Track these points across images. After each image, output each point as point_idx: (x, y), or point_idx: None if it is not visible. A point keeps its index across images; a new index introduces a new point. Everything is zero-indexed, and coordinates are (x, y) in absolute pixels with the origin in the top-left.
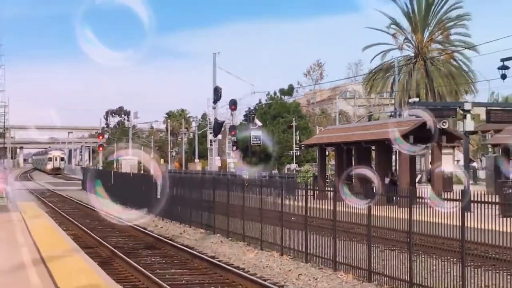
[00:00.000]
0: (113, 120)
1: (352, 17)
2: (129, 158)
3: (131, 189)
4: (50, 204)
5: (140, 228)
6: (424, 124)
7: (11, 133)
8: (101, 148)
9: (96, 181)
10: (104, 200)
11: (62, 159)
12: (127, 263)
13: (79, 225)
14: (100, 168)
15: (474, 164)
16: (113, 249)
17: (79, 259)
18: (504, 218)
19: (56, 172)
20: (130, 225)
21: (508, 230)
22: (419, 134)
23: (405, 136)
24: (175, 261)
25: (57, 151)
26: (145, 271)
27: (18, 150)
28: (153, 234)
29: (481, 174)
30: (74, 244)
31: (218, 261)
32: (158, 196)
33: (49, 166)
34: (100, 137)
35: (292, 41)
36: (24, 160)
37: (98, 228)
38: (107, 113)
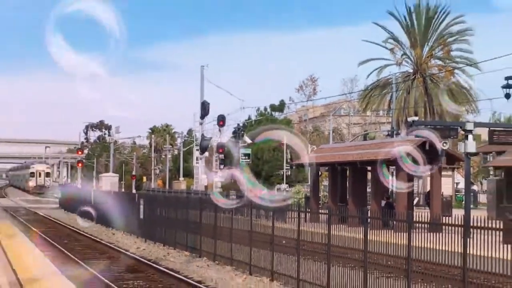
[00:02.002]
0: (93, 135)
1: (348, 31)
2: (110, 175)
3: (112, 208)
4: (26, 223)
5: (122, 250)
6: (423, 143)
7: None
8: (80, 164)
9: (74, 199)
10: (83, 220)
11: (47, 174)
12: None
13: (57, 245)
14: (79, 185)
15: (474, 187)
16: (94, 272)
17: (58, 282)
18: (507, 245)
19: (39, 190)
20: (111, 246)
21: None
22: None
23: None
24: (159, 285)
25: (42, 165)
26: None
27: None
28: (136, 256)
29: (482, 197)
30: (53, 266)
31: (205, 286)
32: (141, 216)
33: (31, 183)
34: (80, 153)
35: (285, 54)
36: None
37: (77, 249)
38: (86, 127)
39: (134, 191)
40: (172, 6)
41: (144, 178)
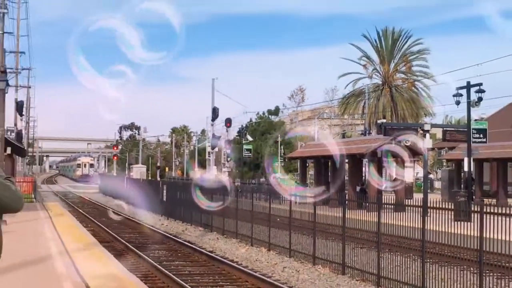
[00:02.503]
0: (126, 134)
1: (330, 50)
2: (139, 166)
3: (141, 192)
4: (72, 204)
5: (149, 226)
6: (390, 141)
7: (39, 143)
8: (115, 158)
9: (111, 185)
10: (118, 201)
11: (91, 165)
12: (138, 256)
13: (97, 222)
14: (115, 174)
15: (431, 175)
16: (126, 243)
17: (97, 251)
18: (457, 222)
19: (84, 179)
20: (140, 223)
21: (460, 232)
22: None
23: (374, 152)
24: (179, 254)
25: (87, 158)
26: (153, 262)
27: (44, 158)
28: (160, 231)
29: (437, 184)
30: (93, 238)
31: (216, 255)
32: (164, 199)
33: (78, 172)
34: (115, 148)
35: (279, 69)
36: (50, 166)
37: (113, 225)
38: (120, 127)
39: (158, 179)
40: (191, 31)
41: (167, 169)
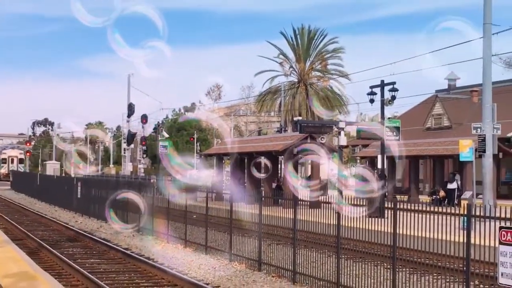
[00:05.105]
0: (39, 130)
1: (247, 47)
2: (53, 163)
3: (55, 189)
4: None
5: (63, 223)
6: (306, 138)
7: None
8: (28, 154)
9: (24, 182)
10: (31, 199)
11: (20, 161)
12: (52, 254)
13: (9, 219)
14: (27, 171)
15: (345, 172)
16: (40, 241)
17: (10, 249)
18: (371, 219)
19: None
20: (54, 220)
21: (374, 229)
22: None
23: (291, 149)
24: (94, 252)
25: (15, 151)
26: (68, 260)
27: None
28: (74, 228)
29: (351, 181)
30: (5, 236)
31: (131, 252)
32: (79, 196)
33: (3, 170)
34: (28, 144)
35: (196, 66)
36: None
37: (26, 223)
38: (33, 123)
39: (72, 175)
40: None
41: (81, 165)
